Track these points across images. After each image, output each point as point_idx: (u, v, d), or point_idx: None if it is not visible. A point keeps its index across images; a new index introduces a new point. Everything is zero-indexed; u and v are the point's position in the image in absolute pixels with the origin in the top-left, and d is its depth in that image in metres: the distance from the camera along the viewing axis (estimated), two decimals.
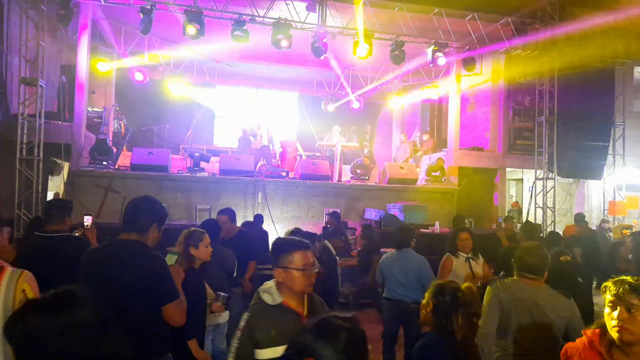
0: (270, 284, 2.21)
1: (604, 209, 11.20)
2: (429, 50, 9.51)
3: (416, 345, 2.34)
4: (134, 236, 2.47)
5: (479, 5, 9.26)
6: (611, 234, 9.19)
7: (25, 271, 2.32)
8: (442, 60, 9.55)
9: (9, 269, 2.26)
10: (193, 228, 3.45)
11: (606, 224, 9.60)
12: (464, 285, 2.37)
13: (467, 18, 9.54)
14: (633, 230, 9.47)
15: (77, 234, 3.95)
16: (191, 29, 8.03)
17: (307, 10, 8.86)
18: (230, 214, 5.02)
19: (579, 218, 8.18)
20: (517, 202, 12.83)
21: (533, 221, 9.94)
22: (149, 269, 2.41)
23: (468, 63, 9.93)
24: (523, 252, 2.84)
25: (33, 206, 8.01)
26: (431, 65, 10.15)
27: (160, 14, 8.67)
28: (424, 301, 2.35)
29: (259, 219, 7.78)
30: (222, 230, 4.46)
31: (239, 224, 9.03)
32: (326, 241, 5.55)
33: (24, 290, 2.26)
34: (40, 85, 8.19)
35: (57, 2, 8.01)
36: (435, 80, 12.85)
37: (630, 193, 11.34)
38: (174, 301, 2.43)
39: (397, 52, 9.38)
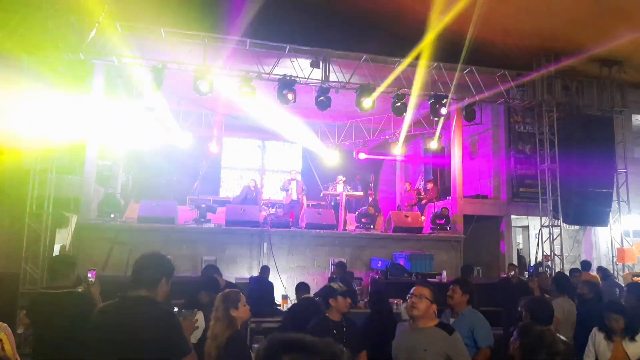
0: None
1: (612, 256, 11.06)
2: (430, 103, 9.79)
3: None
4: (143, 292, 2.49)
5: (476, 59, 9.62)
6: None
7: (2, 323, 2.44)
8: (443, 111, 9.76)
9: None
10: (227, 290, 3.40)
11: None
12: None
13: (465, 72, 9.89)
14: None
15: (80, 290, 3.98)
16: (201, 87, 8.37)
17: (310, 66, 9.24)
18: (215, 269, 5.12)
19: (583, 266, 8.07)
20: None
21: (541, 270, 9.83)
22: (162, 326, 2.42)
23: (468, 113, 10.16)
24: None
25: (40, 260, 8.03)
26: (432, 117, 10.44)
27: (170, 72, 9.05)
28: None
29: (265, 270, 7.78)
30: None
31: (245, 274, 9.12)
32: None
33: (0, 340, 2.39)
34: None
35: (73, 63, 8.41)
36: (437, 130, 13.10)
37: (638, 239, 11.23)
38: (188, 355, 2.46)
39: (398, 104, 9.68)
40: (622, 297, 5.42)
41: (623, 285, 8.59)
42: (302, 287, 5.76)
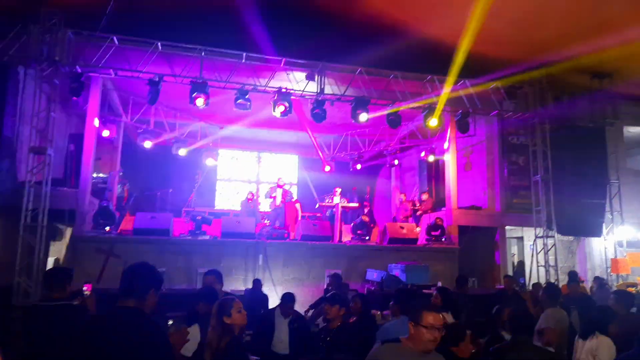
0: None
1: (606, 267, 11.11)
2: (424, 115, 9.88)
3: None
4: (132, 303, 2.48)
5: (469, 73, 9.73)
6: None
7: None
8: (434, 123, 9.86)
9: None
10: (223, 298, 3.40)
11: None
12: None
13: (458, 84, 10.01)
14: (638, 289, 9.38)
15: (76, 303, 3.98)
16: (197, 99, 8.43)
17: (306, 79, 9.33)
18: (216, 274, 5.07)
19: (573, 277, 8.11)
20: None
21: (536, 280, 9.85)
22: (148, 339, 2.41)
23: (462, 125, 10.25)
24: None
25: (34, 273, 7.97)
26: (427, 128, 10.52)
27: (166, 84, 9.10)
28: None
29: (257, 283, 7.80)
30: None
31: (241, 287, 9.09)
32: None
33: None
34: (48, 154, 8.43)
35: (70, 76, 8.45)
36: (431, 141, 13.22)
37: (631, 250, 11.30)
38: None
39: (392, 117, 9.76)
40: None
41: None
42: (288, 298, 5.70)
